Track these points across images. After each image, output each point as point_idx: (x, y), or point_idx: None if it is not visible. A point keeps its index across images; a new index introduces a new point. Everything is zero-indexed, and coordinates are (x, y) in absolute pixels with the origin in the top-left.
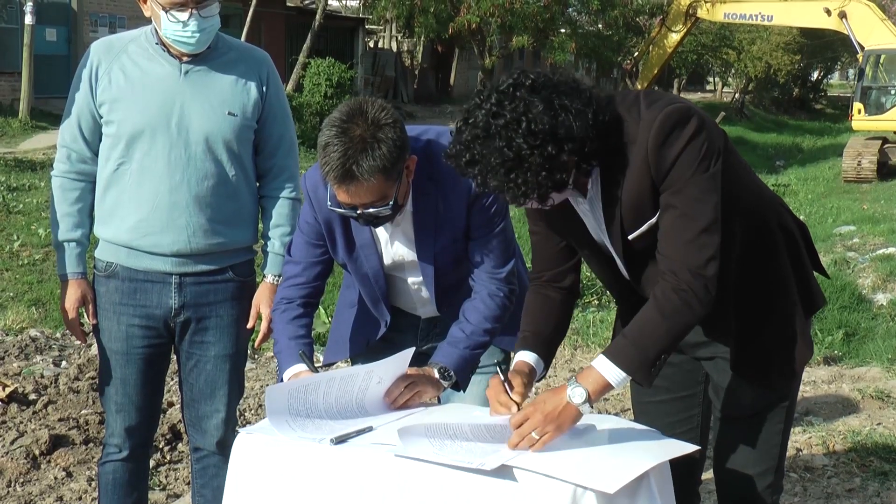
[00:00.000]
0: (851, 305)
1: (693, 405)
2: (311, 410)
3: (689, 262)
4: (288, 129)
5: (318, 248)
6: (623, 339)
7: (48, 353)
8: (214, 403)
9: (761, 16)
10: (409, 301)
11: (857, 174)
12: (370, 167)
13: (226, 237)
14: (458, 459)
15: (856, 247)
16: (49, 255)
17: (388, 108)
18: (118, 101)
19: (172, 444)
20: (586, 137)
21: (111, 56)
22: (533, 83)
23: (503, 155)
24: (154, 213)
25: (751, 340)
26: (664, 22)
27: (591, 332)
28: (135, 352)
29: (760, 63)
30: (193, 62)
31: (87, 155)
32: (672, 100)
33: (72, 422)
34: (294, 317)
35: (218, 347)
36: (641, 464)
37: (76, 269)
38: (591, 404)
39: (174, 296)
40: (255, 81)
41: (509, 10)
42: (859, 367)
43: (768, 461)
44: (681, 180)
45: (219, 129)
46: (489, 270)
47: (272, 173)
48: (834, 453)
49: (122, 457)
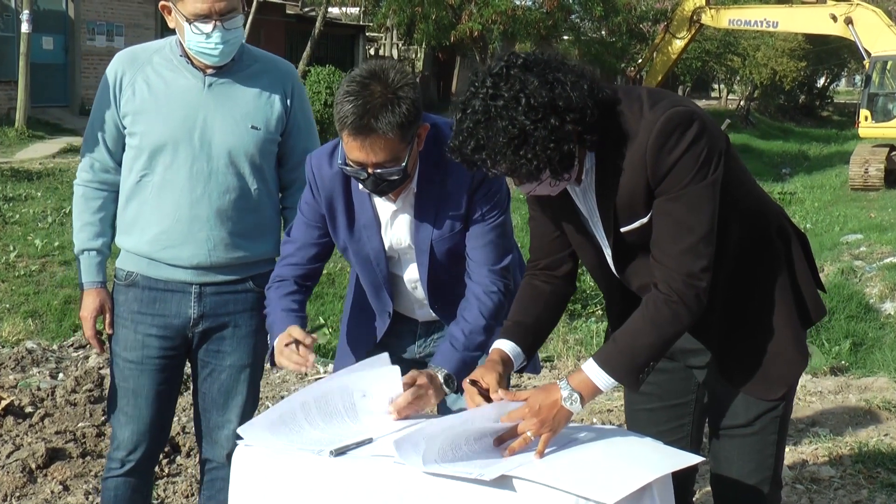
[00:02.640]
0: (859, 315)
1: (684, 414)
2: (299, 418)
3: (683, 272)
4: (312, 141)
5: (317, 230)
6: (614, 346)
7: (45, 365)
8: (227, 414)
9: (766, 22)
10: (406, 302)
11: (864, 182)
12: (389, 122)
13: (247, 251)
14: (457, 470)
15: (863, 255)
16: (46, 266)
17: (407, 71)
18: (141, 112)
19: (171, 458)
20: (586, 106)
21: (136, 67)
22: (525, 61)
23: (508, 133)
24: (175, 226)
25: (741, 349)
26: (668, 28)
27: (595, 342)
28: (149, 361)
29: (766, 70)
30: (217, 74)
31: (110, 164)
32: (675, 101)
33: (69, 435)
34: (287, 292)
35: (234, 357)
36: (643, 475)
37: (96, 279)
38: (582, 406)
39: (194, 305)
40: (279, 94)
41: (511, 16)
42: (866, 377)
43: (763, 472)
44: (678, 187)
45: (241, 142)
46: (486, 264)
47: (296, 185)
48: (841, 465)
49: (125, 471)
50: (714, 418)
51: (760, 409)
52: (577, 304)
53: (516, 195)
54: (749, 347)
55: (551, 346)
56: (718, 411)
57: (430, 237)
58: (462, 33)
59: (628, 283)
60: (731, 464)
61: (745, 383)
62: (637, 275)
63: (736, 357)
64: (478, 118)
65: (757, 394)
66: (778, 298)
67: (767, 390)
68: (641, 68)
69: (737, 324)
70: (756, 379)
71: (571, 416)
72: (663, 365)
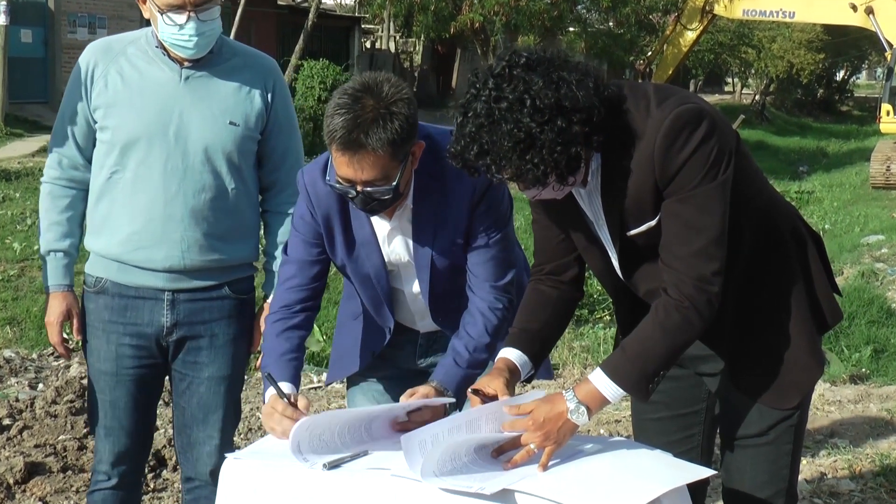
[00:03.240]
0: (880, 320)
1: (694, 424)
2: (325, 437)
3: (694, 276)
4: (294, 141)
5: (315, 247)
6: (622, 354)
7: (24, 375)
8: (207, 429)
9: (782, 12)
10: (407, 314)
11: (885, 180)
12: (380, 139)
13: (223, 253)
14: (457, 483)
15: (884, 257)
16: (24, 271)
17: (403, 85)
18: (114, 105)
19: (157, 472)
20: (593, 106)
21: (109, 58)
22: (528, 61)
23: (514, 137)
24: (147, 226)
25: (753, 355)
26: (679, 19)
27: (602, 349)
28: (125, 373)
29: (782, 62)
30: (195, 67)
31: (79, 161)
32: (684, 98)
33: (49, 448)
34: (287, 328)
35: (212, 368)
36: (651, 489)
37: (62, 282)
38: (589, 418)
39: (166, 313)
40: (259, 90)
41: (514, 7)
42: (888, 385)
43: (777, 484)
44: (687, 187)
45: (219, 139)
46: (489, 280)
47: (276, 187)
48: (861, 478)
49: (111, 485)
50: (726, 428)
51: (774, 419)
52: (584, 310)
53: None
54: (762, 354)
55: (557, 353)
56: (730, 420)
57: (430, 253)
58: (463, 25)
59: (636, 289)
60: (743, 475)
61: (758, 391)
62: (644, 280)
63: (748, 364)
64: (481, 122)
65: (770, 402)
66: (792, 302)
67: (781, 399)
68: (651, 61)
69: (749, 329)
70: (769, 387)
71: (577, 428)
72: (672, 372)
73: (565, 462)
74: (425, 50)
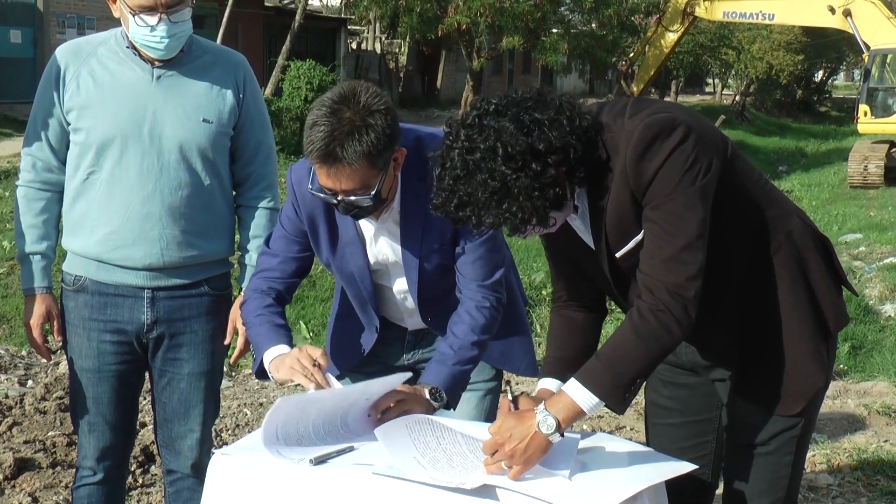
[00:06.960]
0: (857, 317)
1: (707, 431)
2: (301, 427)
3: (668, 282)
4: (266, 135)
5: (298, 244)
6: (596, 361)
7: (13, 371)
8: (189, 423)
9: (762, 14)
10: (395, 311)
11: (863, 179)
12: (355, 151)
13: (200, 249)
14: (437, 478)
15: (862, 255)
16: (14, 269)
17: (382, 95)
18: (87, 107)
19: (145, 467)
20: (568, 145)
21: (79, 60)
22: (496, 107)
23: (489, 187)
24: (125, 225)
25: (754, 364)
26: (661, 21)
27: None
28: (107, 369)
29: (761, 63)
30: (166, 67)
31: (53, 164)
32: (658, 108)
33: (38, 444)
34: (268, 304)
35: (192, 364)
36: (632, 486)
37: (41, 283)
38: (562, 433)
39: (146, 311)
40: (231, 86)
41: (499, 9)
42: (865, 381)
43: (776, 492)
44: (662, 195)
45: (193, 136)
46: (476, 279)
47: (249, 181)
48: (839, 472)
49: (96, 480)
50: (729, 434)
51: (777, 428)
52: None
53: None
54: (763, 360)
55: None
56: (733, 427)
57: (417, 254)
58: (449, 27)
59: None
60: (742, 482)
61: (761, 398)
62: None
63: (751, 371)
64: (457, 173)
65: (774, 409)
66: (793, 308)
67: (784, 405)
68: (633, 62)
69: (750, 336)
70: (772, 393)
71: (550, 444)
72: (686, 379)
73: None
74: (410, 51)
